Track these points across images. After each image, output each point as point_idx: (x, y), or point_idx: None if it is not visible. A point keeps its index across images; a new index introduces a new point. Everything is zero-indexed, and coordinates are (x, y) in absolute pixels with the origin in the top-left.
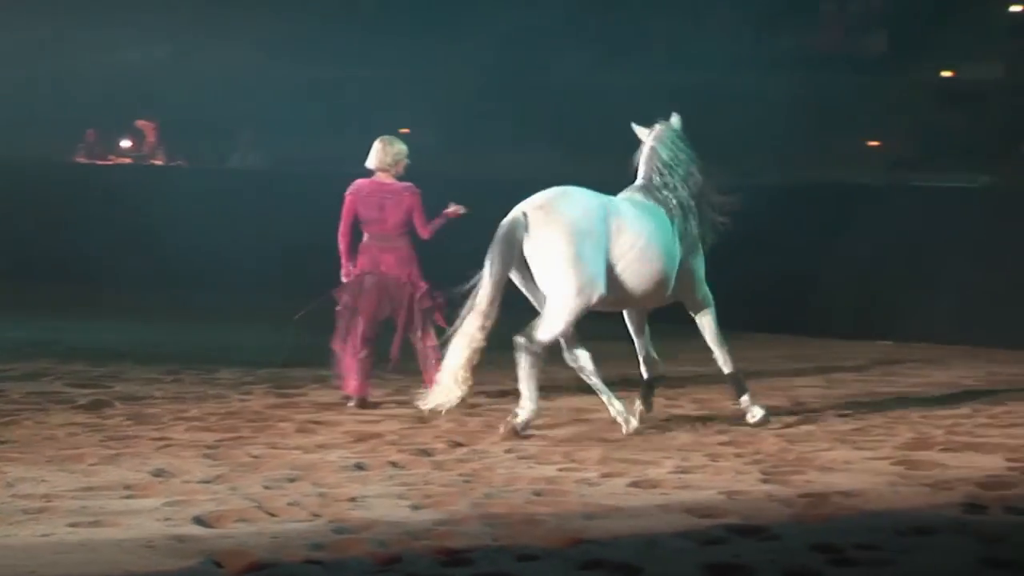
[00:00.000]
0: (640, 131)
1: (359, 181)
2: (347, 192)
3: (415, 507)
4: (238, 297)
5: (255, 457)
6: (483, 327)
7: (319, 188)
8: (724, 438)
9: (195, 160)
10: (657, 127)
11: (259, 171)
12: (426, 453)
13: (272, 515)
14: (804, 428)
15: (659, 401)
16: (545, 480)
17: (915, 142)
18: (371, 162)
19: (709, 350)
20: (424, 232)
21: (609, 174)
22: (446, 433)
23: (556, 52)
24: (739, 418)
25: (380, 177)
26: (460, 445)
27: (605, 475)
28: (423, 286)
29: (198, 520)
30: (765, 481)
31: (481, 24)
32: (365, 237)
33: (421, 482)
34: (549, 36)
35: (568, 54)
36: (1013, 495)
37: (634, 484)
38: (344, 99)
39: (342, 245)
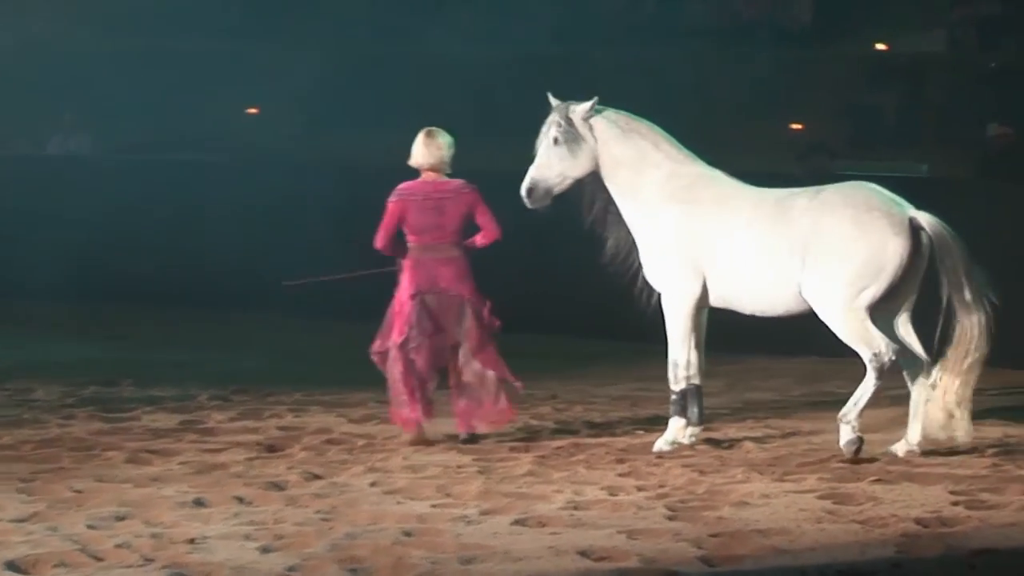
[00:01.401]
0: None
1: (406, 184)
2: (391, 198)
3: (264, 550)
4: (47, 304)
5: (78, 492)
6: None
7: (146, 176)
8: (624, 468)
9: (6, 145)
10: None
11: (81, 157)
12: (277, 487)
13: (98, 559)
14: (716, 456)
15: (548, 425)
16: (416, 518)
17: (844, 125)
18: (417, 159)
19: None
20: (496, 231)
21: (493, 160)
22: (299, 464)
23: (426, 23)
24: (641, 446)
25: (429, 177)
26: (317, 477)
27: (486, 512)
28: (488, 303)
29: (11, 566)
30: (671, 518)
31: None
32: (415, 249)
33: (271, 520)
34: (418, 5)
35: (439, 25)
36: (958, 533)
37: (519, 522)
38: (183, 72)
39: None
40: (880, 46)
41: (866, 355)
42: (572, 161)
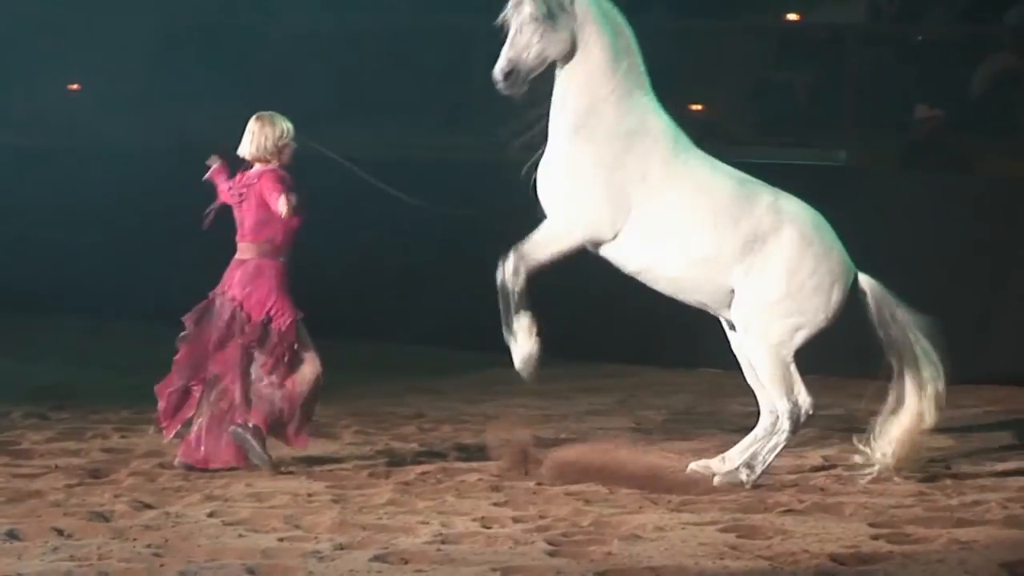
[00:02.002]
0: None
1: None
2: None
3: None
4: None
5: None
6: None
7: None
8: (499, 497)
9: None
10: None
11: None
12: (102, 517)
13: None
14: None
15: (413, 447)
16: (261, 553)
17: (751, 106)
18: (244, 150)
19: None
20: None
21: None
22: (127, 491)
23: None
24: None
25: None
26: (148, 507)
27: (341, 546)
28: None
29: None
30: (552, 553)
31: None
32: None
33: (96, 556)
34: None
35: None
36: (879, 571)
37: (379, 558)
38: None
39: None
40: (792, 16)
41: (783, 405)
42: (553, 36)
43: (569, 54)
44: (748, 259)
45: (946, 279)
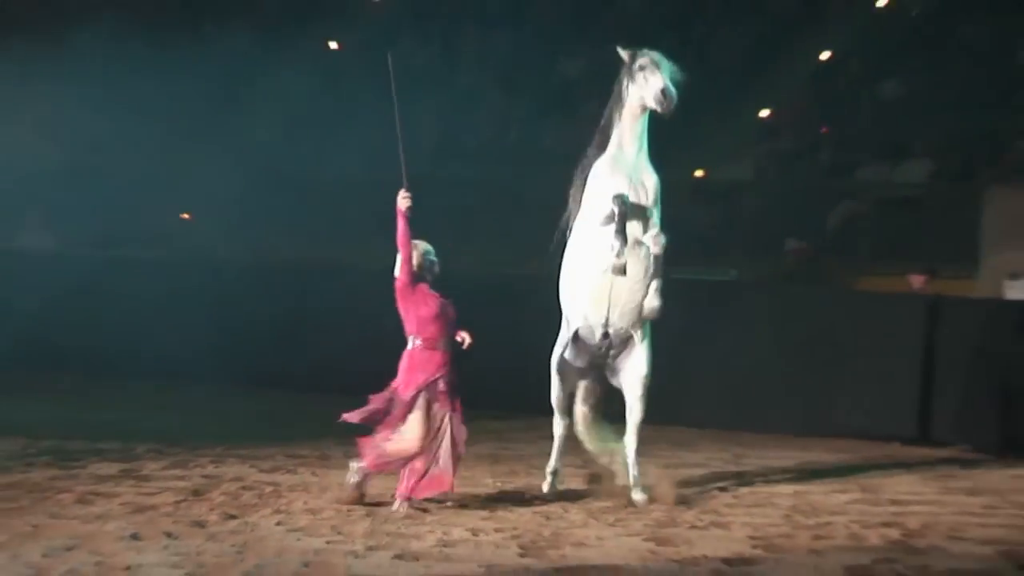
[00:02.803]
0: None
1: None
2: None
3: None
4: (8, 371)
5: (34, 527)
6: None
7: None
8: (485, 513)
9: None
10: None
11: (43, 253)
12: (200, 524)
13: None
14: (560, 505)
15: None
16: (313, 552)
17: (671, 237)
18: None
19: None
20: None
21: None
22: (219, 506)
23: (326, 147)
24: (499, 496)
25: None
26: (233, 517)
27: (371, 548)
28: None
29: None
30: (522, 555)
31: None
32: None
33: (194, 552)
34: (319, 132)
35: (338, 149)
36: (756, 571)
37: (398, 557)
38: (128, 183)
39: None
40: (699, 173)
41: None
42: None
43: None
44: None
45: (802, 357)
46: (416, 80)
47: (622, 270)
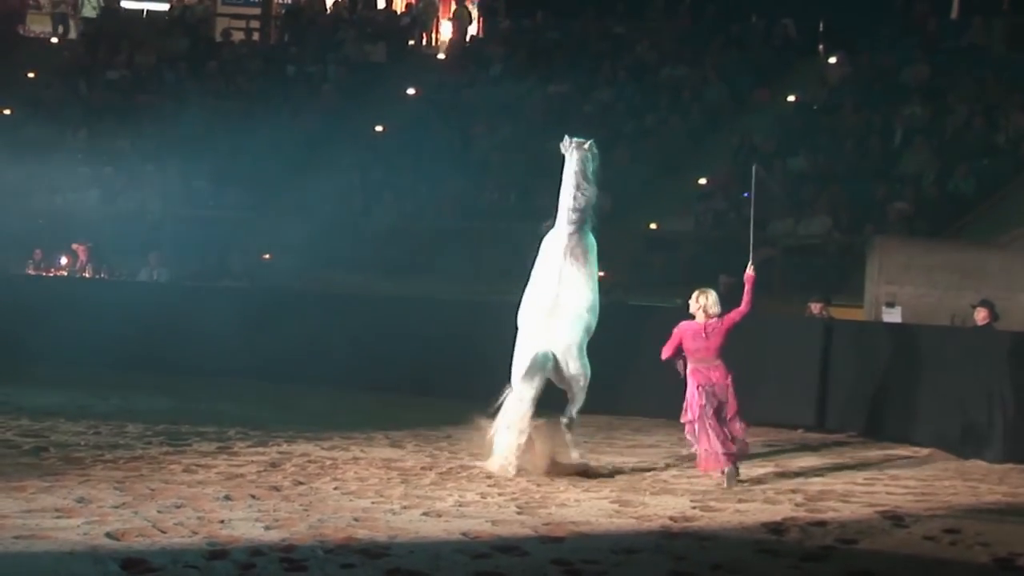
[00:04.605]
0: None
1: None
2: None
3: (267, 528)
4: (134, 372)
5: (152, 489)
6: None
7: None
8: (491, 482)
9: (114, 274)
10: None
11: (160, 284)
12: (276, 489)
13: (163, 532)
14: (546, 476)
15: (445, 455)
16: (361, 510)
17: (629, 274)
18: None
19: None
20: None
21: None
22: (291, 475)
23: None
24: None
25: (699, 318)
26: (301, 483)
27: (405, 507)
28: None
29: (109, 535)
30: (519, 513)
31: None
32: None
33: (272, 510)
34: (379, 185)
35: (387, 205)
36: (695, 527)
37: (425, 514)
38: (222, 230)
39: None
40: (653, 225)
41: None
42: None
43: None
44: None
45: (732, 365)
46: (440, 153)
47: None
